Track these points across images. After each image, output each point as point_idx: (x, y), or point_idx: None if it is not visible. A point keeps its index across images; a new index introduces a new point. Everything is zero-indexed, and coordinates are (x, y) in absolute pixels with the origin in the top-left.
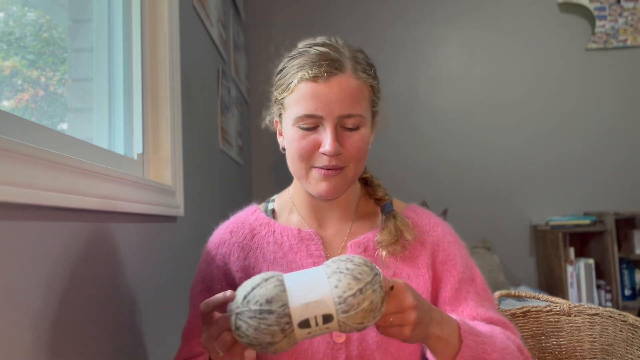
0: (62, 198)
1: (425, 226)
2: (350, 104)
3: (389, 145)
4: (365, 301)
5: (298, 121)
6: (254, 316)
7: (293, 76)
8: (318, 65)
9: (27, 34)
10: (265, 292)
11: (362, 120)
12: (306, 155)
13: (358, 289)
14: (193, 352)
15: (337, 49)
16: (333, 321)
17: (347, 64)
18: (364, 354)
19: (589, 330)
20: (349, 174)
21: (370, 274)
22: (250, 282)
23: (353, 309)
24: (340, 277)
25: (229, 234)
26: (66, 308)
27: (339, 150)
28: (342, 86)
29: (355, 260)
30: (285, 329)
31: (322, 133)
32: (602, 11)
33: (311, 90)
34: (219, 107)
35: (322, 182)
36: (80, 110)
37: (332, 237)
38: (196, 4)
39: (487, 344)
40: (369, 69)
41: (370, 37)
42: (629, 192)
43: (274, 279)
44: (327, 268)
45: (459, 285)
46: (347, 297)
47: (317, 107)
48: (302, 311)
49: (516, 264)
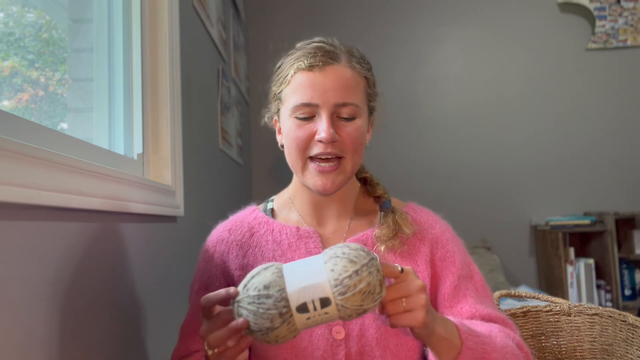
0: (62, 198)
1: (424, 223)
2: (345, 92)
3: (389, 144)
4: (362, 282)
5: (295, 111)
6: (252, 302)
7: (289, 68)
8: (313, 55)
9: (27, 34)
10: (263, 278)
11: (358, 110)
12: (302, 145)
13: (354, 270)
14: (190, 349)
15: (331, 44)
16: (331, 305)
17: (342, 56)
18: (363, 350)
19: (589, 330)
20: (346, 166)
21: (367, 257)
22: (251, 272)
23: (350, 290)
24: (337, 261)
25: (227, 233)
26: (66, 308)
27: (334, 137)
28: (337, 75)
29: (351, 246)
30: (283, 313)
31: (318, 122)
32: (602, 11)
33: (307, 79)
34: (219, 107)
35: (319, 177)
36: (80, 110)
37: (331, 234)
38: (196, 4)
39: (487, 344)
40: (364, 62)
41: (370, 37)
42: (629, 192)
43: (272, 267)
44: (325, 255)
45: (457, 282)
46: (343, 279)
47: (313, 95)
48: (299, 295)
49: (516, 264)
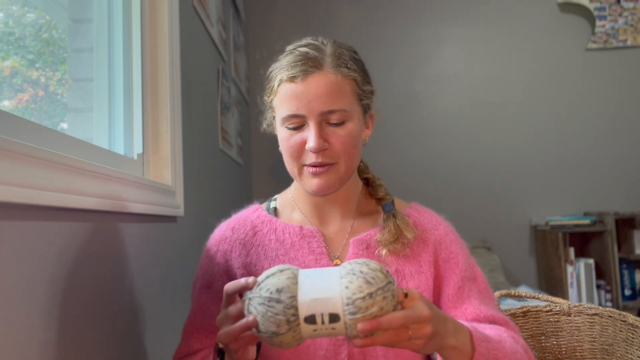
0: (62, 198)
1: (427, 224)
2: (330, 99)
3: (389, 145)
4: (375, 306)
5: (284, 122)
6: (263, 303)
7: (275, 79)
8: (294, 65)
9: (27, 34)
10: (277, 281)
11: (347, 114)
12: (295, 154)
13: (368, 292)
14: (193, 347)
15: (318, 47)
16: (339, 322)
17: (325, 61)
18: (366, 349)
19: (589, 330)
20: (341, 169)
21: (384, 280)
22: (268, 271)
23: (360, 312)
24: (352, 278)
25: (230, 231)
26: (66, 308)
27: (323, 146)
28: (319, 84)
29: (371, 265)
30: (291, 321)
31: (307, 131)
32: (602, 11)
33: (290, 91)
34: (219, 107)
35: (314, 179)
36: (80, 110)
37: (334, 234)
38: (196, 4)
39: (498, 350)
40: (353, 62)
41: (370, 36)
42: (629, 192)
43: (288, 271)
44: (342, 269)
45: (461, 283)
46: (356, 300)
47: (298, 106)
48: (309, 306)
49: (516, 264)
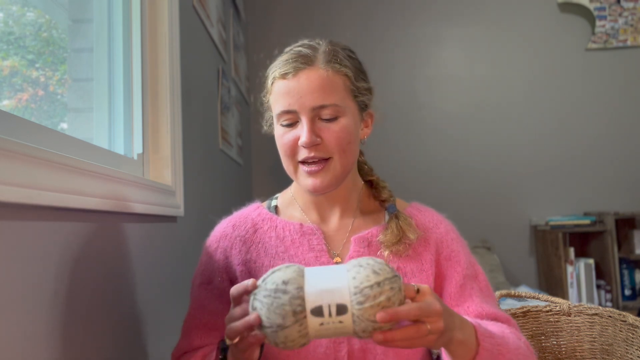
0: (62, 198)
1: (429, 223)
2: (321, 94)
3: (389, 144)
4: (382, 295)
5: (279, 119)
6: (268, 294)
7: (269, 78)
8: (286, 63)
9: (27, 34)
10: (283, 274)
11: (339, 109)
12: (289, 151)
13: (376, 281)
14: (193, 344)
15: (312, 46)
16: (347, 313)
17: (317, 58)
18: (365, 347)
19: (589, 330)
20: (336, 166)
21: (391, 273)
22: (273, 269)
23: (368, 300)
24: (360, 270)
25: (231, 228)
26: (67, 307)
27: (314, 140)
28: (310, 79)
29: (377, 260)
30: (297, 312)
31: (300, 128)
32: (602, 11)
33: (282, 88)
34: (219, 107)
35: (309, 179)
36: (80, 110)
37: (335, 232)
38: (196, 4)
39: (501, 345)
40: (347, 59)
41: (370, 36)
42: (629, 192)
43: (295, 266)
44: (348, 264)
45: (463, 281)
46: (364, 288)
47: (290, 102)
48: (316, 297)
49: (516, 264)
